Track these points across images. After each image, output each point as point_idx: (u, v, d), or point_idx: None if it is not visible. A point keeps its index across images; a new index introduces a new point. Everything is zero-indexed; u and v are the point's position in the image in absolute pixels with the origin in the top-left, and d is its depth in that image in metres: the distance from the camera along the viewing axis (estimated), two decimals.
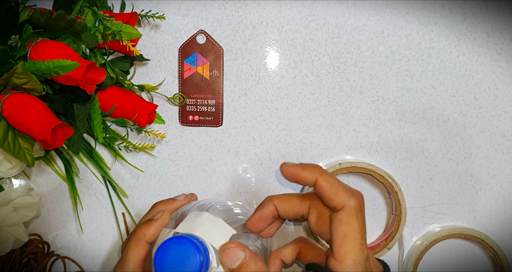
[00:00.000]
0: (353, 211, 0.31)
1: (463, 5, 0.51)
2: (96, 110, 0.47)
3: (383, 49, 0.51)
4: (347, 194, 0.32)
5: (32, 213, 0.50)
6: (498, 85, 0.52)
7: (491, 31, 0.51)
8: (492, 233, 0.53)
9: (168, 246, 0.31)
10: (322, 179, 0.32)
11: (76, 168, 0.53)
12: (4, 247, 0.47)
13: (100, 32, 0.45)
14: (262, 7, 0.51)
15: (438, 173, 0.53)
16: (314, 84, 0.52)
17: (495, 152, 0.53)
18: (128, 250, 0.36)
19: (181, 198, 0.43)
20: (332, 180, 0.33)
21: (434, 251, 0.54)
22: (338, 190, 0.32)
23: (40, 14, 0.40)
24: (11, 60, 0.40)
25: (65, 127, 0.42)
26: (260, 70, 0.52)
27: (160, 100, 0.53)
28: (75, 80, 0.40)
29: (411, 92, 0.52)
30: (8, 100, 0.40)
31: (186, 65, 0.52)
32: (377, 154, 0.53)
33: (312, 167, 0.34)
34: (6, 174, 0.47)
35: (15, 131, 0.43)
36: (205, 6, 0.51)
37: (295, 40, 0.52)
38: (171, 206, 0.42)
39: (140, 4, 0.51)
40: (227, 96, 0.52)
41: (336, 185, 0.32)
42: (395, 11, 0.51)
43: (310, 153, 0.53)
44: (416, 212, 0.53)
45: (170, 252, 0.31)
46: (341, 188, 0.32)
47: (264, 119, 0.53)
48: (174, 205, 0.42)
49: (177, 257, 0.30)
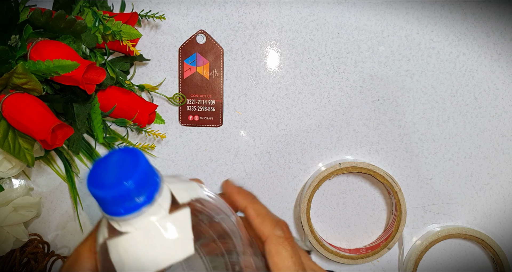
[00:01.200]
0: (279, 240, 0.31)
1: (463, 5, 0.51)
2: (96, 110, 0.47)
3: (383, 49, 0.51)
4: (271, 223, 0.31)
5: (32, 213, 0.50)
6: (498, 85, 0.52)
7: (491, 31, 0.51)
8: (492, 233, 0.53)
9: (112, 154, 0.22)
10: (251, 208, 0.32)
11: (76, 168, 0.53)
12: (4, 247, 0.47)
13: (100, 32, 0.45)
14: (262, 7, 0.51)
15: (438, 173, 0.53)
16: (314, 84, 0.52)
17: (495, 152, 0.53)
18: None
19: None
20: (261, 210, 0.32)
21: (434, 251, 0.54)
22: (263, 219, 0.31)
23: (40, 14, 0.40)
24: (11, 60, 0.40)
25: (65, 127, 0.42)
26: (260, 70, 0.52)
27: (160, 100, 0.53)
28: (75, 80, 0.40)
29: (411, 92, 0.52)
30: (8, 100, 0.40)
31: (186, 65, 0.52)
32: (377, 154, 0.53)
33: (246, 194, 0.33)
34: (6, 174, 0.47)
35: (15, 131, 0.43)
36: (205, 6, 0.51)
37: (295, 40, 0.52)
38: None
39: (140, 4, 0.51)
40: (227, 96, 0.52)
41: (263, 215, 0.32)
42: (395, 11, 0.51)
43: (310, 153, 0.53)
44: (416, 212, 0.53)
45: (111, 159, 0.22)
46: (267, 217, 0.32)
47: (264, 119, 0.53)
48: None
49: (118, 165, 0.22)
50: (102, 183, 0.21)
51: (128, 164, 0.22)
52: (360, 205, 0.54)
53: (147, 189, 0.22)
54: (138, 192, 0.22)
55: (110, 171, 0.22)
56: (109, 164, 0.22)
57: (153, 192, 0.23)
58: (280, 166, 0.53)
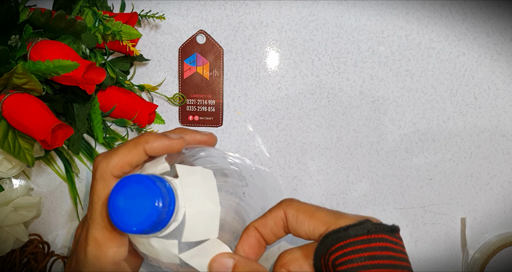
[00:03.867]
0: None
1: (463, 5, 0.51)
2: (96, 110, 0.47)
3: (383, 49, 0.51)
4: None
5: (32, 213, 0.50)
6: (498, 85, 0.52)
7: (491, 31, 0.51)
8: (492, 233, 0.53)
9: (127, 183, 0.27)
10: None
11: (76, 168, 0.53)
12: (4, 247, 0.47)
13: (100, 32, 0.45)
14: (262, 7, 0.51)
15: (438, 173, 0.53)
16: (314, 84, 0.52)
17: (495, 152, 0.53)
18: (121, 148, 0.32)
19: (205, 136, 0.37)
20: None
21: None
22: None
23: (40, 14, 0.40)
24: (11, 60, 0.40)
25: (65, 127, 0.42)
26: (260, 70, 0.52)
27: (160, 100, 0.53)
28: (75, 80, 0.40)
29: (411, 92, 0.52)
30: (8, 100, 0.40)
31: (186, 65, 0.52)
32: (377, 154, 0.53)
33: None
34: (6, 174, 0.47)
35: (15, 131, 0.43)
36: (205, 6, 0.51)
37: (295, 40, 0.52)
38: (192, 138, 0.36)
39: (140, 4, 0.51)
40: (227, 96, 0.52)
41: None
42: (395, 11, 0.51)
43: (310, 153, 0.53)
44: (416, 212, 0.53)
45: (126, 190, 0.27)
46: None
47: (264, 119, 0.53)
48: (196, 138, 0.36)
49: (133, 196, 0.26)
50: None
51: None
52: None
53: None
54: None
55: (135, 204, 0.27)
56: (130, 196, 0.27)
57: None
58: (280, 166, 0.53)
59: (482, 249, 0.52)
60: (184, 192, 0.29)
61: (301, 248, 0.32)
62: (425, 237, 0.53)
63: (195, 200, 0.29)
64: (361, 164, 0.53)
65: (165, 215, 0.27)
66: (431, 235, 0.53)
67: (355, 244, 0.28)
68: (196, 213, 0.29)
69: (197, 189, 0.29)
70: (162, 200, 0.26)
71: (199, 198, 0.29)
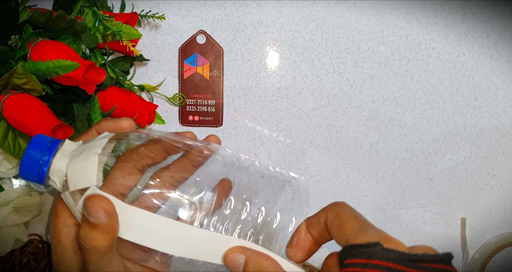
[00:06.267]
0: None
1: (463, 5, 0.51)
2: (96, 111, 0.47)
3: (383, 49, 0.51)
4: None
5: (32, 213, 0.50)
6: (498, 85, 0.52)
7: (491, 31, 0.51)
8: (492, 233, 0.53)
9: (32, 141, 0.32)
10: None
11: None
12: (4, 247, 0.47)
13: (100, 32, 0.45)
14: (262, 7, 0.51)
15: (438, 173, 0.53)
16: (314, 84, 0.52)
17: (495, 152, 0.53)
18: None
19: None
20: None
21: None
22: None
23: (40, 14, 0.40)
24: (11, 61, 0.40)
25: (65, 127, 0.42)
26: (260, 70, 0.52)
27: (160, 101, 0.53)
28: (75, 80, 0.40)
29: (411, 92, 0.52)
30: (8, 100, 0.40)
31: (186, 65, 0.52)
32: (377, 154, 0.53)
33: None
34: (6, 174, 0.47)
35: (15, 131, 0.43)
36: (205, 6, 0.51)
37: (295, 40, 0.52)
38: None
39: (140, 4, 0.51)
40: (227, 96, 0.52)
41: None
42: (395, 11, 0.51)
43: (310, 153, 0.53)
44: (416, 212, 0.53)
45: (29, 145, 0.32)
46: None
47: (264, 119, 0.53)
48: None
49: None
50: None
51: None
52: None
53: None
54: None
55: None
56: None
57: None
58: (280, 166, 0.53)
59: (482, 249, 0.52)
60: (72, 150, 0.32)
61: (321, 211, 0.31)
62: (425, 237, 0.53)
63: (79, 157, 0.32)
64: (361, 164, 0.53)
65: (39, 162, 0.31)
66: (431, 235, 0.53)
67: (355, 266, 0.27)
68: (76, 165, 0.32)
69: (83, 147, 0.33)
70: (38, 150, 0.31)
71: (82, 154, 0.32)
